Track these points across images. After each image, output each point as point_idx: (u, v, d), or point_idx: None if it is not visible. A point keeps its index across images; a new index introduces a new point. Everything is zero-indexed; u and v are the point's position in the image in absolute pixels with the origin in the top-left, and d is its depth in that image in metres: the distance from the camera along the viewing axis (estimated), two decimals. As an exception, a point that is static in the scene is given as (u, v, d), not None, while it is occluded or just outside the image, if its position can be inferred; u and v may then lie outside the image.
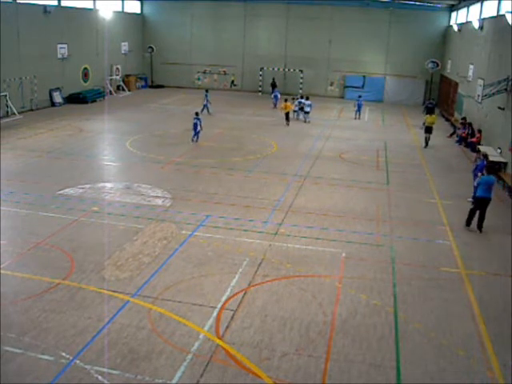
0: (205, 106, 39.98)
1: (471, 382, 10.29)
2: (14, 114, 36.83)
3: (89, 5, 46.66)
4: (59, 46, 42.49)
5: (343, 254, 15.80)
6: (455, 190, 22.90)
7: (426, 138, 31.97)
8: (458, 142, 33.28)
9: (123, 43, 52.50)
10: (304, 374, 10.25)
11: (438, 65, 49.30)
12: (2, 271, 14.23)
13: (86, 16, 46.26)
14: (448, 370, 10.58)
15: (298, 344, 11.23)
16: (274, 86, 51.21)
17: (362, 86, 51.61)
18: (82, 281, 13.76)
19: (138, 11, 55.87)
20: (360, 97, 43.34)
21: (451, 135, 35.48)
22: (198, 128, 30.12)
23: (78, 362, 10.40)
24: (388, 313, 12.66)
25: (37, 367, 10.28)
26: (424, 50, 49.74)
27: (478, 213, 18.15)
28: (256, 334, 11.54)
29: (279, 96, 44.67)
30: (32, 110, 39.50)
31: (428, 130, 31.89)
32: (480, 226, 18.19)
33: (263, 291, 13.52)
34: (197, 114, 30.92)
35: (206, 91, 41.42)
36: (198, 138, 30.39)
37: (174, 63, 55.75)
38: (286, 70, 52.64)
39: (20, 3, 37.87)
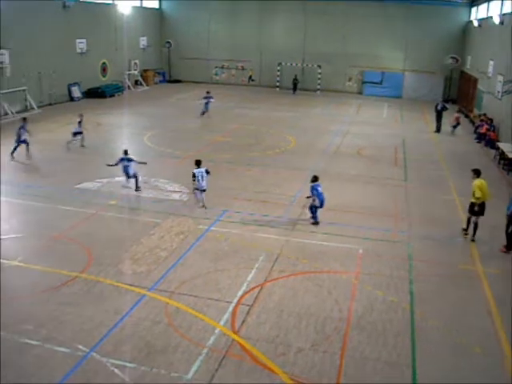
0: None
1: (487, 380, 10.24)
2: (33, 108, 37.15)
3: (108, 0, 46.88)
4: (78, 40, 42.74)
5: (360, 251, 15.75)
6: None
7: (472, 223, 17.07)
8: (477, 138, 32.90)
9: (141, 38, 52.67)
10: (319, 370, 10.24)
11: (457, 60, 48.92)
12: (20, 264, 14.37)
13: (104, 11, 46.49)
14: (464, 368, 10.53)
15: (314, 340, 11.22)
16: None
17: (381, 82, 51.28)
18: (100, 274, 13.85)
19: (157, 6, 55.99)
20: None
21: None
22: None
23: (94, 354, 10.49)
24: (404, 310, 12.60)
25: (53, 359, 10.39)
26: (443, 46, 49.28)
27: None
28: (272, 330, 11.55)
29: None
30: (51, 104, 39.77)
31: (478, 210, 16.71)
32: None
33: (279, 286, 13.52)
34: (208, 92, 36.90)
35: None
36: (206, 110, 36.45)
37: (191, 58, 55.82)
38: (304, 65, 52.46)
39: (40, -2, 38.16)
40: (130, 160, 20.47)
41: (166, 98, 45.77)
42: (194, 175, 18.63)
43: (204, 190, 18.99)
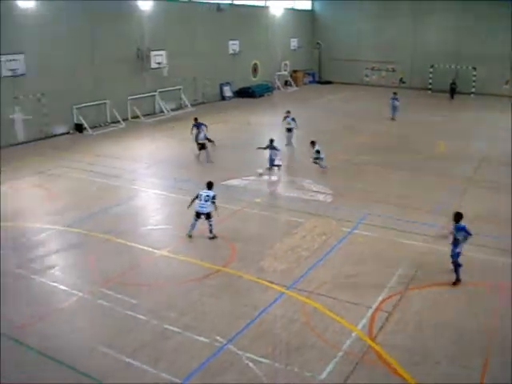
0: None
1: None
2: (187, 106, 38.92)
3: (260, 2, 47.96)
4: (231, 42, 44.25)
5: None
6: None
7: None
8: None
9: (292, 39, 53.31)
10: (456, 385, 9.90)
11: None
12: (168, 254, 15.17)
13: (257, 13, 47.75)
14: None
15: (452, 353, 10.84)
16: None
17: (541, 85, 48.05)
18: (242, 269, 14.29)
19: (309, 7, 56.37)
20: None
21: None
22: None
23: (231, 346, 10.87)
24: (556, 331, 11.80)
25: (193, 347, 10.94)
26: None
27: None
28: (409, 339, 11.32)
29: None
30: (203, 103, 41.48)
31: None
32: None
33: (420, 296, 13.20)
34: (395, 93, 35.78)
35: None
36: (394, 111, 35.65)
37: (341, 59, 55.59)
38: (458, 67, 50.43)
39: (196, 2, 39.91)
40: (274, 148, 23.37)
41: (315, 98, 45.99)
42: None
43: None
